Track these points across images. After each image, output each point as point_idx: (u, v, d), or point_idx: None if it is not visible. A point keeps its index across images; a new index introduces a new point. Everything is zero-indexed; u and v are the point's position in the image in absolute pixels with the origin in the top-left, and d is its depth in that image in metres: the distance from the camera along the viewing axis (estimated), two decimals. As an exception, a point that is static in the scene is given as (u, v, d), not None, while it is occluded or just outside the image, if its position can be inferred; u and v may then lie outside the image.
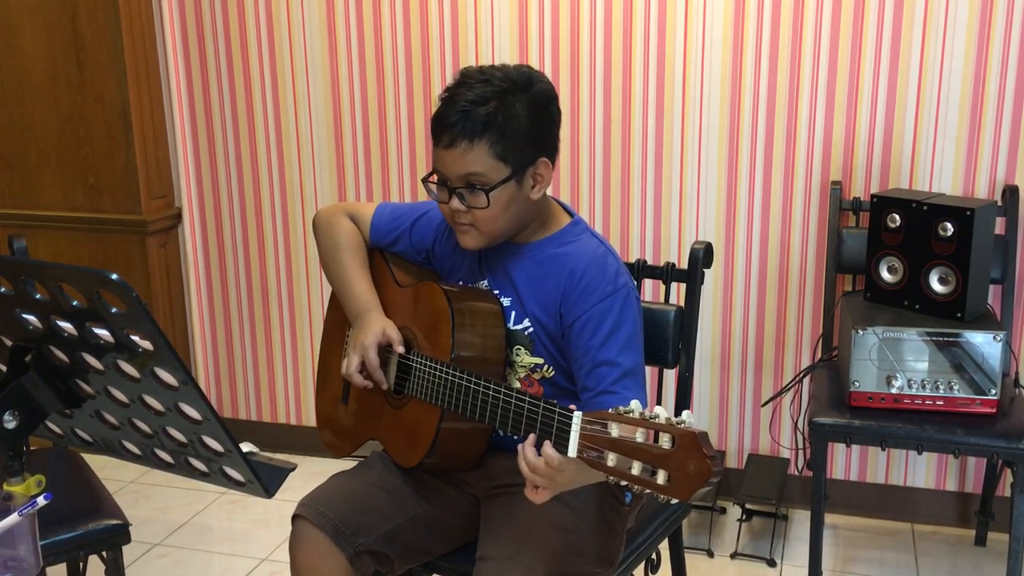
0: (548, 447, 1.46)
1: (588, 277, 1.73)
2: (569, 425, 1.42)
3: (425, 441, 1.74)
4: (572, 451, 1.41)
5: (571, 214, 1.85)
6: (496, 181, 1.68)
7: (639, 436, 1.31)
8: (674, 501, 1.28)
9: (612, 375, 1.67)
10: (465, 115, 1.66)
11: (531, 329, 1.78)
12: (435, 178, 1.75)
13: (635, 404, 1.35)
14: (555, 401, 1.49)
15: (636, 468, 1.30)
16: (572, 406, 1.45)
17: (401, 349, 1.79)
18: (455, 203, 1.71)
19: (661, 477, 1.28)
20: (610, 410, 1.36)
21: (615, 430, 1.35)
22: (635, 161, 2.94)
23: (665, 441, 1.28)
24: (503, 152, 1.67)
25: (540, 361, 1.79)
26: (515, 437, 1.58)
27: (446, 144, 1.68)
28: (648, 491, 1.30)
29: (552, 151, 1.76)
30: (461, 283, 1.87)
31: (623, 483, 1.33)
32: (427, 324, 1.79)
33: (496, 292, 1.82)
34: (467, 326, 1.74)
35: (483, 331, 1.76)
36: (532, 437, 1.50)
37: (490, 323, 1.77)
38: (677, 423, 1.28)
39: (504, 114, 1.67)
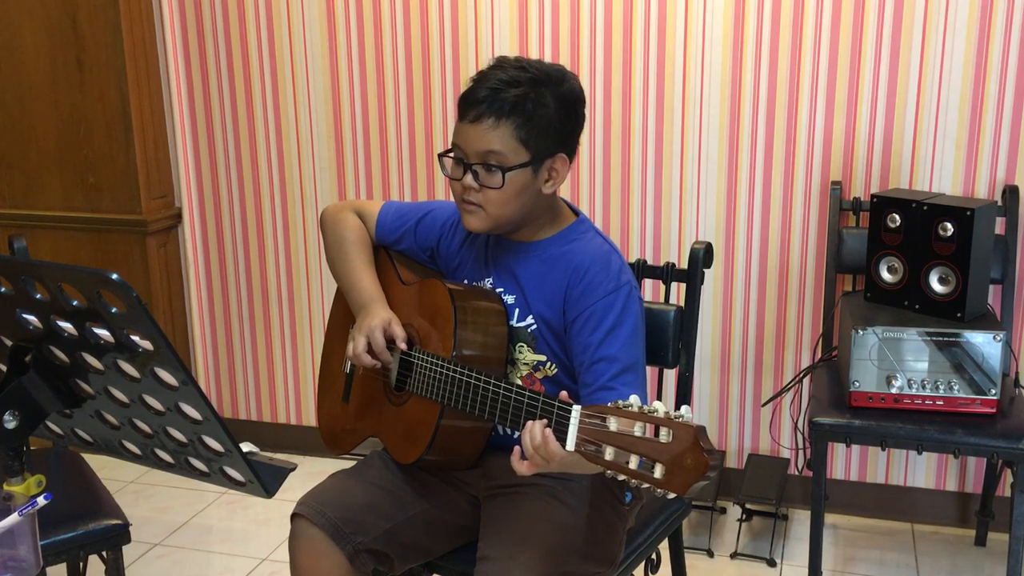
0: (551, 438, 1.46)
1: (591, 274, 1.73)
2: (568, 419, 1.42)
3: (424, 437, 1.74)
4: (570, 444, 1.41)
5: (577, 213, 1.86)
6: (514, 163, 1.69)
7: (637, 430, 1.31)
8: (671, 495, 1.28)
9: (611, 371, 1.67)
10: (495, 93, 1.67)
11: (534, 327, 1.79)
12: (452, 155, 1.76)
13: (634, 399, 1.35)
14: (554, 395, 1.49)
15: (633, 462, 1.31)
16: (564, 393, 1.46)
17: (404, 346, 1.79)
18: (468, 180, 1.72)
19: (658, 471, 1.28)
20: (609, 404, 1.37)
21: (613, 424, 1.35)
22: (635, 161, 2.94)
23: (663, 435, 1.28)
24: (526, 137, 1.68)
25: (543, 359, 1.79)
26: (515, 435, 1.58)
27: (472, 119, 1.69)
28: (646, 485, 1.30)
29: (572, 151, 1.77)
30: (466, 281, 1.88)
31: (620, 477, 1.33)
32: (430, 321, 1.80)
33: (500, 290, 1.82)
34: (469, 323, 1.74)
35: (485, 328, 1.76)
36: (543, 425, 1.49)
37: (492, 321, 1.77)
38: (675, 417, 1.28)
39: (534, 101, 1.68)
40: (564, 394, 1.48)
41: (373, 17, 3.06)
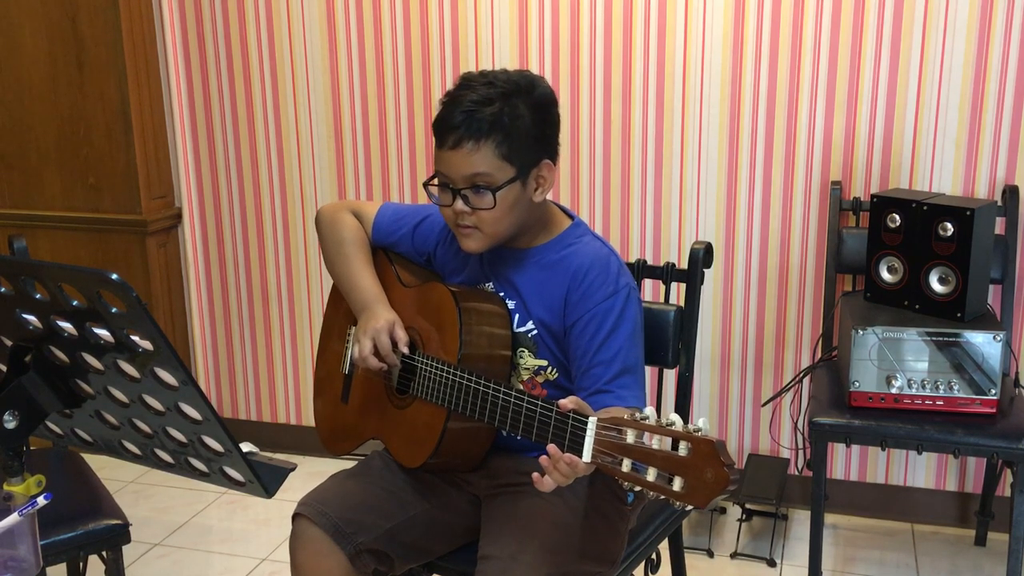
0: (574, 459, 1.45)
1: (591, 278, 1.73)
2: (584, 430, 1.42)
3: (430, 442, 1.74)
4: (587, 455, 1.41)
5: (571, 217, 1.86)
6: (502, 181, 1.68)
7: (655, 443, 1.31)
8: (689, 508, 1.29)
9: (608, 374, 1.68)
10: (470, 116, 1.66)
11: (535, 332, 1.78)
12: (437, 181, 1.75)
13: (650, 411, 1.35)
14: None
15: (651, 474, 1.31)
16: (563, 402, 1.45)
17: (405, 349, 1.79)
18: (459, 205, 1.71)
19: (677, 484, 1.28)
20: (625, 416, 1.37)
21: (630, 436, 1.35)
22: (635, 161, 2.94)
23: (682, 448, 1.28)
24: (508, 152, 1.67)
25: (544, 363, 1.79)
26: (518, 436, 1.57)
27: (451, 145, 1.68)
28: (663, 497, 1.30)
29: (554, 154, 1.77)
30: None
31: (637, 488, 1.33)
32: (433, 324, 1.79)
33: (501, 294, 1.82)
34: (474, 327, 1.74)
35: (489, 332, 1.76)
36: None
37: (496, 324, 1.77)
38: (694, 431, 1.28)
39: (509, 115, 1.67)
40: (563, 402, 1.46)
41: (373, 17, 3.06)
